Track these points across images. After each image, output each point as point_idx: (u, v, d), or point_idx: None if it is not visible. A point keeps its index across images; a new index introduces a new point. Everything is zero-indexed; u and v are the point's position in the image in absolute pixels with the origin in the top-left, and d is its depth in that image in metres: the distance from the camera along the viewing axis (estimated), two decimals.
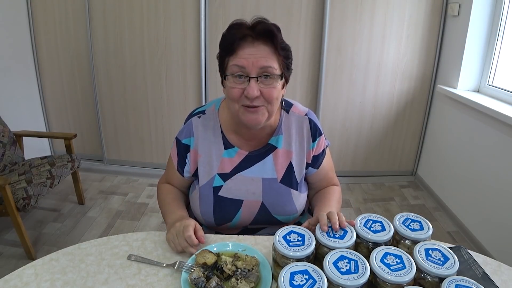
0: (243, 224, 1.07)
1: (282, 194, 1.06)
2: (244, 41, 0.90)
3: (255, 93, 0.89)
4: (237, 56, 0.90)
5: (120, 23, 2.61)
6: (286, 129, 1.07)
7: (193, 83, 2.71)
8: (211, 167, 1.05)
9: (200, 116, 1.07)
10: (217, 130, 1.06)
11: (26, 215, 2.34)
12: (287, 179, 1.06)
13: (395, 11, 2.53)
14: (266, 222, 1.07)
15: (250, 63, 0.89)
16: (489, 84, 2.32)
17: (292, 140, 1.07)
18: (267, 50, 0.91)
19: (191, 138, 1.06)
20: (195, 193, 1.08)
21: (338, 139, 2.85)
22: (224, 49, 0.94)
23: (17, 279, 0.82)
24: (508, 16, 2.16)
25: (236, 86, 0.92)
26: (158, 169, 2.93)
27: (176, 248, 0.91)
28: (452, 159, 2.47)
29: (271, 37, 0.90)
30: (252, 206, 1.05)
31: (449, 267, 0.75)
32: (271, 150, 1.06)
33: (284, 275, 0.71)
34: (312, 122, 1.08)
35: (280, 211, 1.06)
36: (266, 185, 1.05)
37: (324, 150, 1.12)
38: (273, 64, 0.91)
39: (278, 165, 1.06)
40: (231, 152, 1.05)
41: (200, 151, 1.06)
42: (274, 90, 0.92)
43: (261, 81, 0.91)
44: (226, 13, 2.54)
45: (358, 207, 2.57)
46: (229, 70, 0.92)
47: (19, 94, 2.71)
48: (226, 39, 0.93)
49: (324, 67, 2.62)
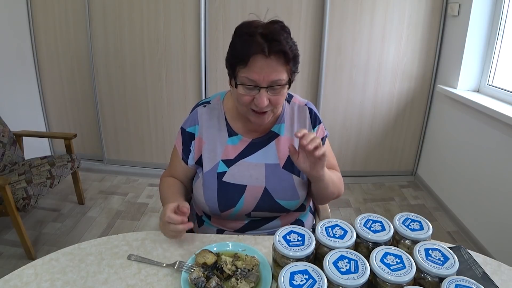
0: (247, 211, 1.08)
1: (285, 179, 1.08)
2: (256, 56, 0.91)
3: (265, 104, 0.94)
4: (249, 70, 0.92)
5: (120, 23, 2.61)
6: (288, 117, 1.12)
7: (193, 83, 2.71)
8: (215, 154, 1.08)
9: (205, 106, 1.12)
10: (222, 119, 1.10)
11: (26, 215, 2.34)
12: (289, 165, 1.09)
13: (395, 11, 2.53)
14: (269, 208, 1.08)
15: (261, 78, 0.92)
16: (489, 84, 2.32)
17: (294, 128, 1.11)
18: (278, 64, 0.93)
19: (196, 126, 1.10)
20: (199, 181, 1.10)
21: (338, 139, 2.85)
22: (235, 58, 0.94)
23: (17, 279, 0.82)
24: (508, 16, 2.16)
25: (246, 94, 0.96)
26: (158, 169, 2.93)
27: (169, 235, 0.94)
28: (452, 159, 2.47)
29: (283, 53, 0.92)
30: (255, 191, 1.07)
31: (449, 267, 0.75)
32: (274, 137, 1.10)
33: (284, 275, 0.72)
34: (312, 111, 1.14)
35: (283, 196, 1.07)
36: (269, 170, 1.08)
37: (324, 139, 1.14)
38: (283, 76, 0.94)
39: (281, 152, 1.09)
40: (235, 139, 1.09)
41: (205, 138, 1.09)
42: (281, 97, 0.98)
43: (270, 90, 0.95)
44: (226, 13, 2.54)
45: (358, 207, 2.57)
46: (239, 79, 0.94)
47: (19, 94, 2.71)
48: (237, 49, 0.94)
49: (324, 67, 2.62)
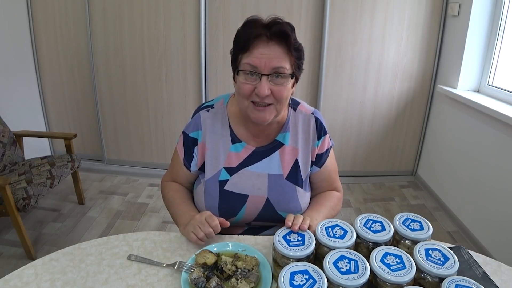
0: (248, 220, 1.07)
1: (287, 190, 1.06)
2: (259, 40, 0.91)
3: (265, 92, 0.91)
4: (250, 55, 0.92)
5: (120, 23, 2.61)
6: (293, 126, 1.08)
7: (193, 83, 2.71)
8: (218, 161, 1.06)
9: (208, 110, 1.08)
10: (225, 124, 1.07)
11: (26, 215, 2.33)
12: (292, 176, 1.07)
13: (395, 11, 2.53)
14: (270, 218, 1.07)
15: (263, 63, 0.91)
16: (489, 84, 2.32)
17: (298, 138, 1.08)
18: (280, 51, 0.92)
19: (199, 131, 1.07)
20: (200, 187, 1.09)
21: (338, 139, 2.85)
22: (238, 46, 0.95)
23: (17, 279, 0.82)
24: (508, 16, 2.16)
25: (247, 82, 0.93)
26: (158, 169, 2.93)
27: (198, 235, 0.92)
28: (452, 159, 2.47)
29: (285, 38, 0.92)
30: (257, 201, 1.06)
31: (449, 267, 0.75)
32: (278, 146, 1.07)
33: (284, 275, 0.72)
34: (318, 121, 1.10)
35: (285, 208, 1.06)
36: (272, 181, 1.06)
37: (328, 150, 1.13)
38: (285, 64, 0.92)
39: (285, 162, 1.07)
40: (239, 146, 1.06)
41: (208, 145, 1.07)
42: (284, 89, 0.94)
43: (272, 80, 0.93)
44: (226, 13, 2.54)
45: (358, 207, 2.57)
46: (241, 66, 0.94)
47: (19, 94, 2.71)
48: (240, 36, 0.95)
49: (324, 67, 2.62)
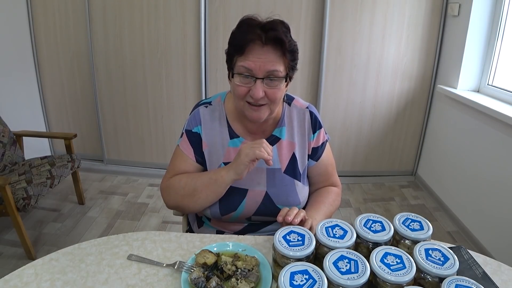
0: (247, 215, 1.08)
1: (286, 184, 1.08)
2: (254, 44, 0.92)
3: (260, 95, 0.93)
4: (245, 58, 0.93)
5: (120, 23, 2.61)
6: (288, 121, 1.10)
7: (193, 83, 2.71)
8: (217, 156, 1.08)
9: (207, 106, 1.11)
10: (223, 120, 1.09)
11: (26, 215, 2.34)
12: (290, 169, 1.09)
13: (395, 11, 2.53)
14: (270, 213, 1.07)
15: (258, 67, 0.92)
16: (489, 84, 2.32)
17: (294, 132, 1.10)
18: (275, 55, 0.93)
19: (199, 126, 1.09)
20: None
21: (338, 139, 2.84)
22: (233, 47, 0.96)
23: (17, 279, 0.82)
24: (508, 16, 2.16)
25: (242, 84, 0.95)
26: (158, 169, 2.93)
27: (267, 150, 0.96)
28: (452, 159, 2.47)
29: (280, 43, 0.93)
30: (256, 195, 1.07)
31: (449, 267, 0.75)
32: (275, 141, 1.09)
33: (284, 275, 0.71)
34: (313, 115, 1.12)
35: (284, 202, 1.07)
36: (271, 175, 1.07)
37: (324, 144, 1.14)
38: (279, 67, 0.94)
39: (282, 156, 1.08)
40: (237, 141, 1.08)
41: (207, 140, 1.08)
42: (278, 91, 0.96)
43: (266, 83, 0.94)
44: (226, 13, 2.54)
45: (358, 207, 2.57)
46: (236, 69, 0.95)
47: (19, 94, 2.71)
48: (235, 38, 0.95)
49: (324, 67, 2.62)
